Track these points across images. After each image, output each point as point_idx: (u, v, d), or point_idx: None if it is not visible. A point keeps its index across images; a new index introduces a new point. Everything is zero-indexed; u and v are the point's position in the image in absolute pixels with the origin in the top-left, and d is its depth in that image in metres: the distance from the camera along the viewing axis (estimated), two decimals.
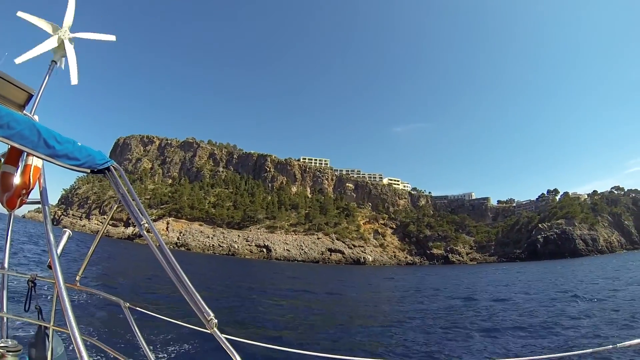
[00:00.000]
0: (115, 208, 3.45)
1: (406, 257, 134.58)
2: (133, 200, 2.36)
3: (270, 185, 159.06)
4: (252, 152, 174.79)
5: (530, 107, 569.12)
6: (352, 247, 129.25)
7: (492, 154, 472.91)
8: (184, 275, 1.93)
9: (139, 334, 2.55)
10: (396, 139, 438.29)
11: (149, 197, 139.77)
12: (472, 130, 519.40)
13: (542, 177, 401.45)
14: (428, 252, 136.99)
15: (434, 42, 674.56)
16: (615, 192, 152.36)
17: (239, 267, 61.96)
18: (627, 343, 2.27)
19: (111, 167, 2.53)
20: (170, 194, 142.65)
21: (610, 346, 2.35)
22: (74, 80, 4.33)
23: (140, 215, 2.23)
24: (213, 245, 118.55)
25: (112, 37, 4.54)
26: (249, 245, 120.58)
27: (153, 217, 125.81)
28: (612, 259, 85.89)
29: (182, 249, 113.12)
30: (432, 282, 44.62)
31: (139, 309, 3.28)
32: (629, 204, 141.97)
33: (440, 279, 48.94)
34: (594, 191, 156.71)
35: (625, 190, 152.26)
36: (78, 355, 1.54)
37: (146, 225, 2.21)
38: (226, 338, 1.97)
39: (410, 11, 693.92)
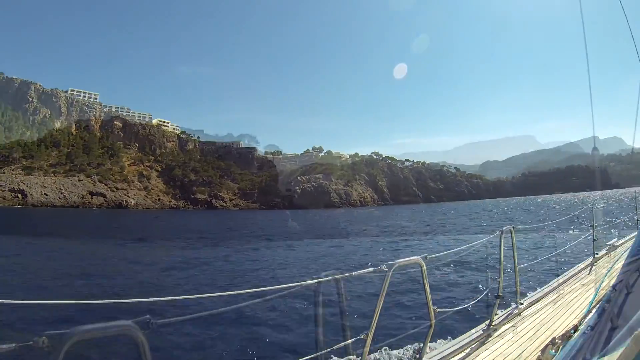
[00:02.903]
0: None
1: (170, 201, 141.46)
2: None
3: (32, 118, 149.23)
4: (15, 77, 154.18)
5: (311, 69, 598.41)
6: (115, 190, 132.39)
7: (265, 104, 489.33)
8: None
9: None
10: (178, 78, 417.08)
11: None
12: (256, 79, 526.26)
13: (313, 136, 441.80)
14: (192, 196, 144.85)
15: None
16: (374, 156, 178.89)
17: None
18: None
19: None
20: None
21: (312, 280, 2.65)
22: None
23: None
24: None
25: None
26: (2, 190, 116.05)
27: None
28: (360, 210, 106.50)
29: None
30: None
31: None
32: (385, 167, 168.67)
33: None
34: (355, 153, 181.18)
35: (383, 156, 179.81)
36: None
37: None
38: None
39: None
